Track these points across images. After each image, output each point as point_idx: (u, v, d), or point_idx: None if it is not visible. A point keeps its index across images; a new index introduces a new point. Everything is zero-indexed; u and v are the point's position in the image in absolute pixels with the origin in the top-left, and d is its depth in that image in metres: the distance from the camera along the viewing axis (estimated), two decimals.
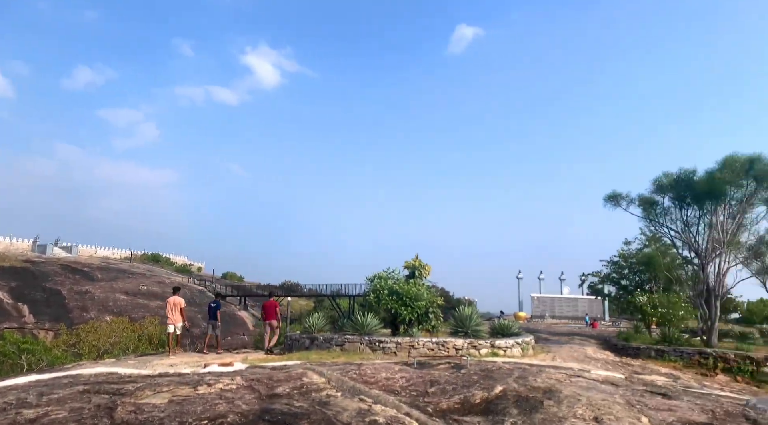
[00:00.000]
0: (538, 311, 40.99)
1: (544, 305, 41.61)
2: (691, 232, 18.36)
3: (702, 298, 17.95)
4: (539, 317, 39.89)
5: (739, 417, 5.68)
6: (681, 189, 17.93)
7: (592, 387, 6.93)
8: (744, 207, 17.53)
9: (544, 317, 39.51)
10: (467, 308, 14.80)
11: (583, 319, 36.60)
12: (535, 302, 41.87)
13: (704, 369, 15.31)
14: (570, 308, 41.32)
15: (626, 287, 24.28)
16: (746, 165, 16.65)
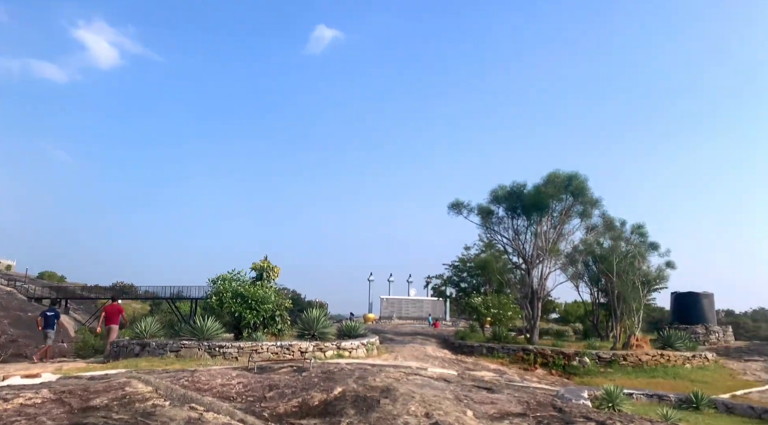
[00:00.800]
0: (387, 313, 42.64)
1: (392, 306, 43.41)
2: (520, 240, 20.55)
3: (527, 300, 20.15)
4: (387, 318, 41.49)
5: (548, 407, 6.39)
6: (513, 200, 20.02)
7: (427, 385, 7.31)
8: (563, 219, 20.11)
9: (392, 318, 41.21)
10: (315, 311, 14.80)
11: (426, 319, 38.89)
12: (384, 304, 43.50)
13: (526, 364, 17.18)
14: (416, 309, 43.67)
15: (465, 289, 26.33)
16: (566, 181, 19.16)
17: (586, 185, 19.48)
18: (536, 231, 20.00)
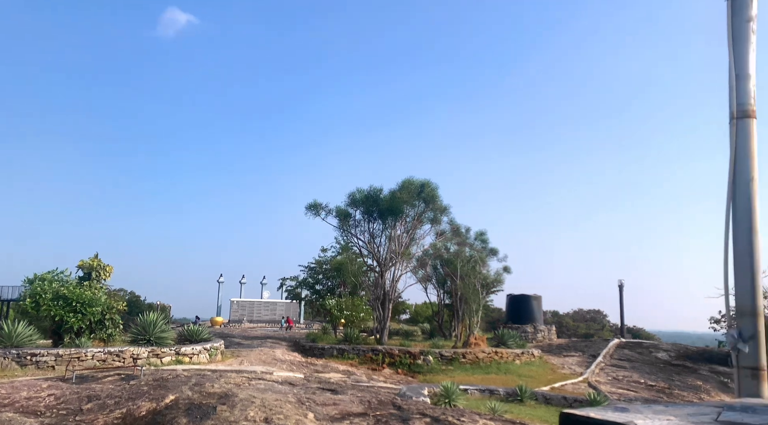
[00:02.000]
0: (237, 316, 41.04)
1: (243, 309, 41.89)
2: (376, 243, 21.16)
3: (379, 301, 20.77)
4: (237, 321, 39.94)
5: (389, 405, 6.60)
6: (370, 204, 20.55)
7: (269, 389, 7.13)
8: (416, 224, 21.13)
9: (242, 322, 39.76)
10: (152, 314, 13.70)
11: (279, 322, 38.19)
12: (235, 307, 41.82)
13: (375, 364, 17.68)
14: (269, 312, 42.65)
15: (319, 292, 26.34)
16: (419, 188, 20.20)
17: (437, 192, 20.73)
18: (391, 235, 20.74)
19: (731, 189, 2.64)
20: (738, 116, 2.63)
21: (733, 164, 2.63)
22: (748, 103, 2.62)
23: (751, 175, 2.62)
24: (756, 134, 2.63)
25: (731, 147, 2.64)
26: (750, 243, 2.61)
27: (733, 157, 2.64)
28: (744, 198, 2.62)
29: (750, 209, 2.61)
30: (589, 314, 48.09)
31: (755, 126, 2.63)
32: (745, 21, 2.58)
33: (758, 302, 2.62)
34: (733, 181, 2.64)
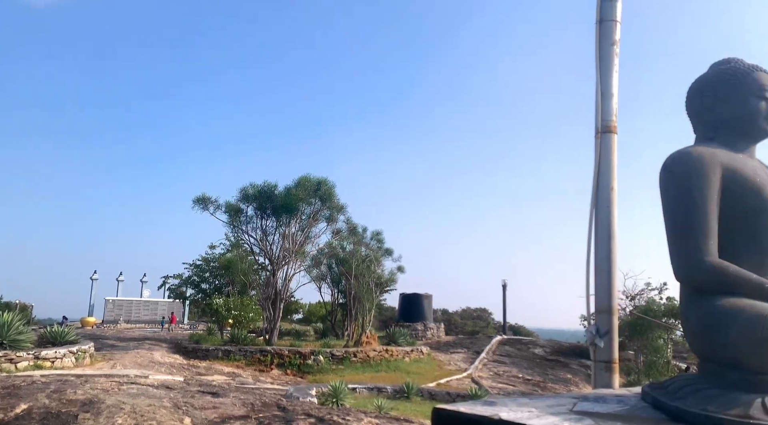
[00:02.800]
0: (113, 316, 38.07)
1: (120, 309, 38.96)
2: (268, 241, 20.69)
3: (270, 301, 20.34)
4: (113, 322, 37.06)
5: (273, 407, 6.46)
6: (264, 200, 20.05)
7: (143, 394, 6.68)
8: (311, 222, 20.97)
9: (118, 322, 36.98)
10: (6, 314, 12.26)
11: (160, 323, 36.05)
12: (110, 306, 38.77)
13: (263, 365, 17.29)
14: (149, 311, 40.07)
15: (205, 291, 25.25)
16: (315, 186, 20.07)
17: (334, 191, 20.73)
18: (285, 233, 20.39)
19: (594, 198, 2.90)
20: (602, 131, 2.89)
21: (597, 175, 2.89)
22: (611, 120, 2.89)
23: (612, 185, 2.89)
24: (617, 147, 2.91)
25: (595, 159, 2.91)
26: (609, 248, 2.87)
27: (596, 168, 2.90)
28: (605, 206, 2.88)
29: (609, 217, 2.88)
30: (476, 313, 50.76)
31: (616, 141, 2.91)
32: (610, 44, 2.85)
33: (613, 302, 2.90)
34: (596, 190, 2.89)
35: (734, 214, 2.24)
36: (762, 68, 2.46)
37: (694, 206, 2.20)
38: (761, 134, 2.43)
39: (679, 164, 2.28)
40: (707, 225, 2.19)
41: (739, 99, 2.39)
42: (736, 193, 2.24)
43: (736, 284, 2.09)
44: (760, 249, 2.27)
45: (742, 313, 1.91)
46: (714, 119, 2.47)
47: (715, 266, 2.13)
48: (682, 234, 2.21)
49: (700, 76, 2.56)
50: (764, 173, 2.37)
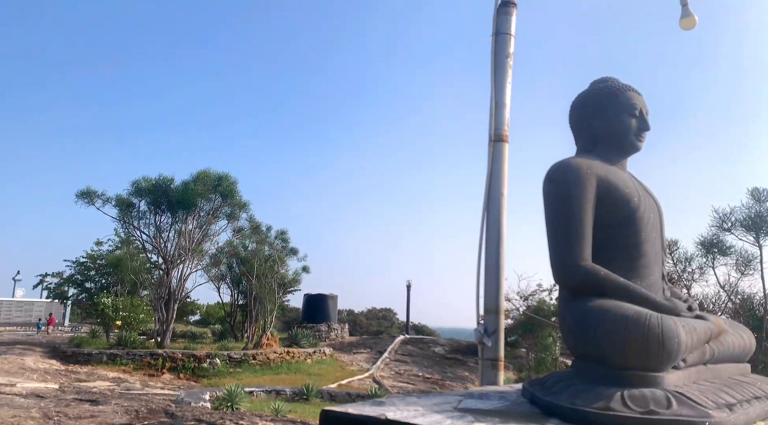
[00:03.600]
0: None
1: None
2: (163, 238, 19.59)
3: (163, 301, 19.27)
4: None
5: (160, 413, 6.15)
6: (159, 195, 18.96)
7: (7, 404, 6.08)
8: (210, 219, 20.15)
9: None
10: None
11: (36, 325, 32.93)
12: None
13: (153, 369, 16.35)
14: (23, 313, 36.48)
15: (91, 290, 23.46)
16: (216, 181, 19.32)
17: (236, 187, 20.08)
18: (181, 230, 19.43)
19: (486, 203, 3.04)
20: (495, 139, 3.05)
21: (489, 181, 3.04)
22: (503, 129, 3.06)
23: (502, 191, 3.05)
24: (508, 156, 3.08)
25: (488, 166, 3.06)
26: (498, 251, 3.03)
27: (488, 175, 3.05)
28: (495, 211, 3.04)
29: (499, 221, 3.04)
30: (381, 313, 51.49)
31: (508, 149, 3.08)
32: (505, 56, 3.02)
33: (501, 302, 3.07)
34: (487, 196, 3.04)
35: (607, 222, 2.46)
36: (634, 89, 2.72)
37: (571, 214, 2.39)
38: (632, 149, 2.69)
39: (560, 174, 2.46)
40: (583, 232, 2.38)
41: (613, 116, 2.63)
42: (609, 203, 2.46)
43: (606, 287, 2.28)
44: (628, 255, 2.50)
45: (608, 313, 2.09)
46: (592, 133, 2.69)
47: (588, 270, 2.32)
48: (560, 240, 2.39)
49: (581, 93, 2.78)
50: (633, 184, 2.62)
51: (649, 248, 2.52)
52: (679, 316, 2.25)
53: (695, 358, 2.26)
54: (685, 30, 2.82)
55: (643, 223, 2.52)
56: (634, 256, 2.49)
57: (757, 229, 9.24)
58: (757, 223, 9.25)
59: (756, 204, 9.35)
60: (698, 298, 10.12)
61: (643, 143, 2.71)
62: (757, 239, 9.27)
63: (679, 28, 2.86)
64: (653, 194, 2.79)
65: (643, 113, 2.67)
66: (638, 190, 2.61)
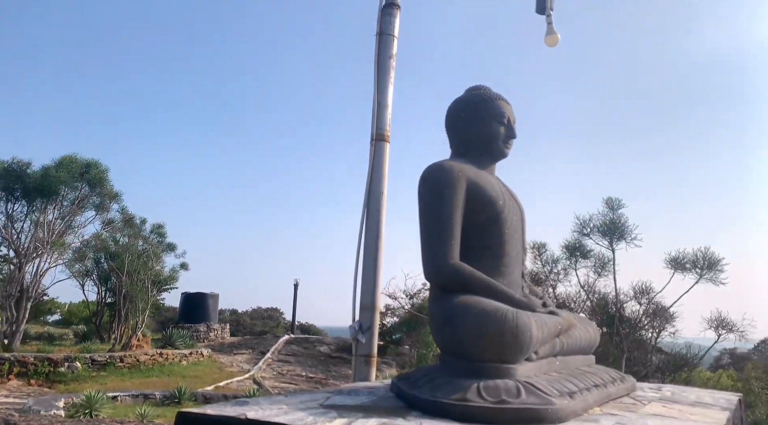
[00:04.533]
0: None
1: None
2: (15, 228, 17.61)
3: (13, 299, 17.32)
4: None
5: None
6: (11, 180, 17.01)
7: None
8: (75, 209, 18.45)
9: None
10: None
11: None
12: None
13: None
14: None
15: None
16: (84, 168, 17.73)
17: (107, 176, 18.58)
18: (39, 220, 17.58)
19: (366, 201, 3.10)
20: (376, 139, 3.11)
21: (369, 180, 3.10)
22: (385, 129, 3.13)
23: (382, 190, 3.13)
24: (389, 155, 3.16)
25: (369, 165, 3.11)
26: (376, 249, 3.10)
27: (369, 173, 3.10)
28: (375, 209, 3.10)
29: (379, 220, 3.11)
30: (267, 312, 50.38)
31: (389, 149, 3.16)
32: (388, 57, 3.09)
33: (376, 299, 3.14)
34: (368, 194, 3.09)
35: (474, 223, 2.61)
36: (504, 98, 2.91)
37: (443, 215, 2.51)
38: (500, 155, 2.88)
39: (433, 175, 2.58)
40: (452, 232, 2.51)
41: (484, 122, 2.80)
42: (477, 204, 2.62)
43: (471, 285, 2.43)
44: (492, 254, 2.67)
45: (470, 309, 2.23)
46: (465, 137, 2.85)
47: (456, 268, 2.46)
48: (431, 238, 2.50)
49: (457, 99, 2.93)
50: (499, 188, 2.80)
51: (511, 248, 2.72)
52: (535, 312, 2.45)
53: (546, 351, 2.46)
54: (549, 46, 3.10)
55: (507, 225, 2.70)
56: (498, 255, 2.66)
57: (611, 234, 10.32)
58: (611, 229, 10.34)
59: (610, 212, 10.45)
60: (563, 297, 11.12)
61: (509, 150, 2.91)
62: (611, 244, 10.36)
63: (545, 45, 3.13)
64: (518, 199, 3.01)
65: (510, 122, 2.87)
66: (504, 194, 2.80)
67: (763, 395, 14.20)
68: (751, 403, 13.96)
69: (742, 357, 19.94)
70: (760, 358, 20.06)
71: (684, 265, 9.88)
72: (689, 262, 9.85)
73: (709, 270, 9.71)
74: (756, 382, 14.29)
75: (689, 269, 9.83)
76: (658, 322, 10.40)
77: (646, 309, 10.50)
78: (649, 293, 10.41)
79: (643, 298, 10.46)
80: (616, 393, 2.59)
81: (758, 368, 15.68)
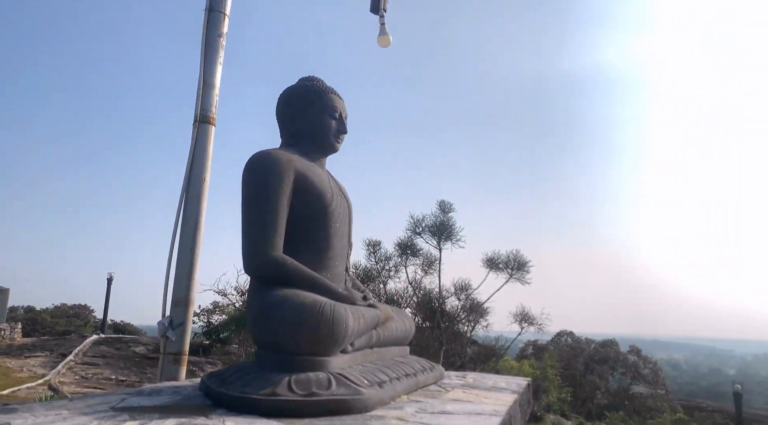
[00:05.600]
0: None
1: None
2: None
3: None
4: None
5: None
6: None
7: None
8: None
9: None
10: None
11: None
12: None
13: None
14: None
15: None
16: None
17: None
18: None
19: (185, 187, 2.91)
20: (200, 121, 2.94)
21: (190, 165, 2.92)
22: (211, 111, 2.97)
23: (205, 176, 2.96)
24: (213, 139, 3.01)
25: (191, 148, 2.93)
26: (194, 240, 2.93)
27: (191, 157, 2.92)
28: (195, 197, 2.93)
29: (199, 208, 2.95)
30: (73, 310, 45.12)
31: (214, 132, 3.00)
32: (217, 35, 2.94)
33: (191, 294, 2.97)
34: (188, 180, 2.91)
35: (300, 215, 2.60)
36: (337, 92, 2.95)
37: (267, 205, 2.45)
38: (330, 149, 2.91)
39: (259, 164, 2.51)
40: (276, 223, 2.47)
41: (315, 115, 2.81)
42: (304, 197, 2.60)
43: (293, 278, 2.41)
44: (317, 247, 2.68)
45: (287, 301, 2.21)
46: (296, 128, 2.82)
47: (279, 261, 2.42)
48: (253, 229, 2.44)
49: (289, 88, 2.89)
50: (329, 182, 2.83)
51: (336, 242, 2.76)
52: (355, 305, 2.52)
53: (363, 342, 2.55)
54: (382, 47, 3.21)
55: (334, 218, 2.74)
56: (323, 248, 2.68)
57: (439, 235, 11.12)
58: (440, 230, 11.13)
59: (441, 214, 11.25)
60: (392, 293, 11.67)
61: (340, 145, 2.95)
62: (439, 244, 11.16)
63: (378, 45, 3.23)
64: (347, 194, 3.07)
65: (342, 117, 2.91)
66: (333, 188, 2.83)
67: (555, 381, 16.42)
68: (546, 388, 16.07)
69: (542, 347, 22.79)
70: (556, 348, 23.11)
71: (498, 265, 11.00)
72: (502, 263, 11.00)
73: (518, 270, 10.93)
74: (551, 370, 16.48)
75: (502, 269, 10.98)
76: (473, 316, 11.43)
77: (464, 305, 11.48)
78: (467, 290, 11.40)
79: (462, 294, 11.43)
80: (425, 381, 2.77)
81: (554, 357, 18.07)
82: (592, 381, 21.62)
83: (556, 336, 25.05)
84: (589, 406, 20.65)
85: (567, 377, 18.90)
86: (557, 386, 16.35)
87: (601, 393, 21.63)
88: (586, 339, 26.02)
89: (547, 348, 22.44)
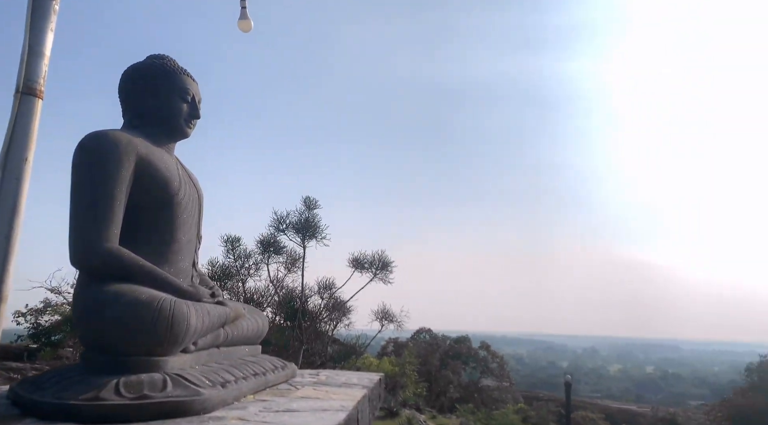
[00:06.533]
0: None
1: None
2: None
3: None
4: None
5: None
6: None
7: None
8: None
9: None
10: None
11: None
12: None
13: None
14: None
15: None
16: None
17: None
18: None
19: (2, 166, 2.56)
20: (24, 92, 2.60)
21: (8, 141, 2.57)
22: (37, 82, 2.64)
23: (26, 155, 2.63)
24: (40, 114, 2.68)
25: (10, 122, 2.58)
26: (11, 227, 2.58)
27: (9, 133, 2.58)
28: (13, 178, 2.59)
29: (18, 191, 2.60)
30: None
31: (41, 106, 2.67)
32: None
33: (5, 289, 2.61)
34: (5, 158, 2.57)
35: (142, 204, 2.39)
36: (190, 74, 2.77)
37: (102, 190, 2.22)
38: (180, 134, 2.71)
39: (95, 144, 2.27)
40: (112, 211, 2.24)
41: (165, 96, 2.60)
42: (147, 184, 2.40)
43: (130, 271, 2.20)
44: (160, 239, 2.49)
45: (121, 298, 2.02)
46: (141, 109, 2.60)
47: (113, 253, 2.20)
48: (84, 217, 2.19)
49: (135, 64, 2.66)
50: (177, 169, 2.64)
51: (182, 235, 2.59)
52: (201, 301, 2.37)
53: (208, 341, 2.41)
54: (243, 31, 3.07)
55: (181, 209, 2.56)
56: (167, 241, 2.50)
57: (304, 232, 11.02)
58: (305, 227, 11.04)
59: (306, 211, 11.16)
60: (252, 291, 11.33)
61: (192, 130, 2.78)
62: (303, 241, 11.06)
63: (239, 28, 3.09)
64: (197, 183, 2.89)
65: (195, 101, 2.74)
66: (181, 176, 2.64)
67: (413, 376, 17.12)
68: (403, 384, 16.68)
69: (402, 344, 23.65)
70: (415, 345, 24.10)
71: (363, 265, 11.19)
72: (367, 262, 11.21)
73: (382, 270, 11.21)
74: (409, 366, 17.15)
75: (367, 269, 11.19)
76: (336, 315, 11.50)
77: (327, 303, 11.50)
78: (331, 289, 11.44)
79: (326, 293, 11.44)
80: (275, 380, 2.70)
81: (412, 354, 18.82)
82: (446, 375, 22.87)
83: (416, 334, 26.14)
84: (442, 400, 21.83)
85: (423, 372, 19.78)
86: (414, 381, 17.04)
87: (454, 386, 22.97)
88: (443, 335, 27.46)
89: (407, 345, 23.31)
